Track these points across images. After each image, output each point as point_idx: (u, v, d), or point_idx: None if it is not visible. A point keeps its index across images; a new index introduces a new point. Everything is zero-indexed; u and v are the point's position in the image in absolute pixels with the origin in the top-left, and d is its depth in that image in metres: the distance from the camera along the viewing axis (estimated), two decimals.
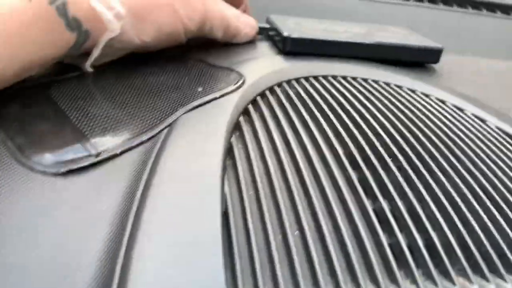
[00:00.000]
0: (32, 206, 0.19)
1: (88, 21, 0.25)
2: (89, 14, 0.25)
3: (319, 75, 0.30)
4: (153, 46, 0.30)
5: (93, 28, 0.25)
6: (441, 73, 0.35)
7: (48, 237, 0.18)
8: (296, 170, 0.20)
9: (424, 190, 0.19)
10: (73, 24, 0.24)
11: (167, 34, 0.29)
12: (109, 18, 0.25)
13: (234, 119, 0.23)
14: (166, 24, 0.28)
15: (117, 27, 0.26)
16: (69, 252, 0.17)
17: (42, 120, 0.23)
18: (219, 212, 0.17)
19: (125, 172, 0.20)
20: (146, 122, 0.23)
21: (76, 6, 0.24)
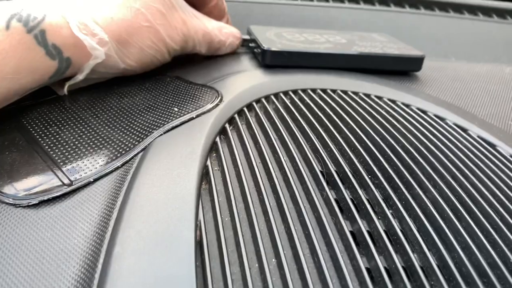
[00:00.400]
0: (1, 240, 0.18)
1: (68, 49, 0.25)
2: (69, 41, 0.24)
3: (298, 89, 0.29)
4: (139, 68, 0.29)
5: (74, 55, 0.25)
6: (423, 81, 0.34)
7: (18, 272, 0.17)
8: (273, 192, 0.20)
9: (403, 208, 0.19)
10: (53, 52, 0.24)
11: (151, 56, 0.29)
12: (93, 45, 0.25)
13: (210, 140, 0.23)
14: (149, 46, 0.28)
15: (101, 54, 0.26)
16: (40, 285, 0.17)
17: (13, 148, 0.23)
18: (193, 242, 0.17)
19: (99, 201, 0.20)
20: (120, 147, 0.23)
21: (56, 34, 0.24)
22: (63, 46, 0.24)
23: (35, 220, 0.19)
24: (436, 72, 0.37)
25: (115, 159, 0.22)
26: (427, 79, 0.35)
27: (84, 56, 0.25)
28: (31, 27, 0.23)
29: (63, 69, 0.25)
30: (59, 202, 0.20)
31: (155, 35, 0.28)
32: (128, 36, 0.27)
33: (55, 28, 0.24)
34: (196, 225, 0.18)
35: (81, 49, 0.25)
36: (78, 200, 0.20)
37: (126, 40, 0.27)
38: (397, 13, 0.48)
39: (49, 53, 0.24)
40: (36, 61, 0.23)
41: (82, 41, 0.25)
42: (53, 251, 0.18)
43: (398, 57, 0.34)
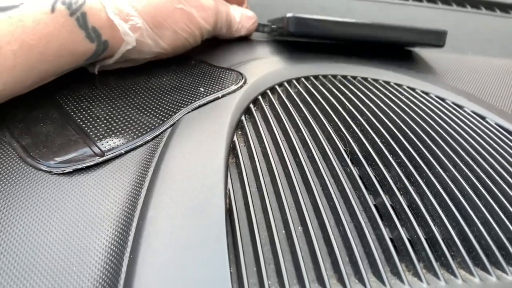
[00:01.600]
0: (38, 205, 0.19)
1: (106, 32, 0.25)
2: (108, 25, 0.25)
3: (319, 75, 0.30)
4: (172, 52, 0.30)
5: (111, 38, 0.26)
6: (440, 72, 0.35)
7: (53, 236, 0.18)
8: (298, 167, 0.21)
9: (424, 185, 0.20)
10: (93, 34, 0.25)
11: (183, 39, 0.29)
12: (125, 31, 0.26)
13: (236, 118, 0.24)
14: (182, 29, 0.29)
15: (132, 40, 0.26)
16: (74, 253, 0.17)
17: (48, 121, 0.23)
18: (223, 208, 0.17)
19: (130, 172, 0.21)
20: (149, 122, 0.24)
21: (95, 17, 0.25)
22: (101, 29, 0.25)
23: (70, 187, 0.20)
24: (454, 64, 0.37)
25: (145, 133, 0.23)
26: (445, 70, 0.35)
27: (120, 40, 0.26)
28: (74, 9, 0.24)
29: (100, 51, 0.26)
30: (92, 171, 0.21)
31: (189, 17, 0.29)
32: (162, 18, 0.27)
33: (94, 11, 0.25)
34: (226, 193, 0.18)
35: (117, 32, 0.26)
36: (110, 170, 0.21)
37: (160, 23, 0.27)
38: (415, 7, 0.49)
39: (89, 36, 0.24)
40: (76, 44, 0.24)
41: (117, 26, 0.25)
42: (88, 216, 0.19)
43: (422, 29, 0.33)
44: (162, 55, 0.30)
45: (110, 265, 0.17)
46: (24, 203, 0.19)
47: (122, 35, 0.26)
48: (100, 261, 0.17)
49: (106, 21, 0.25)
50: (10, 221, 0.18)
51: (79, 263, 0.17)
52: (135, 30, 0.26)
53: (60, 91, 0.26)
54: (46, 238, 0.18)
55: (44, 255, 0.17)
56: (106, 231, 0.18)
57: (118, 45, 0.26)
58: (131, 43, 0.27)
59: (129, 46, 0.27)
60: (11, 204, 0.19)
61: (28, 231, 0.18)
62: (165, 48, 0.29)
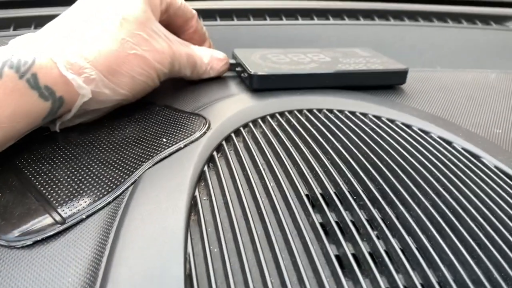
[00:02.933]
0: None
1: (60, 88, 0.25)
2: (61, 81, 0.25)
3: (285, 111, 0.30)
4: (132, 97, 0.30)
5: (66, 94, 0.25)
6: (408, 94, 0.35)
7: None
8: (260, 220, 0.20)
9: (387, 229, 0.20)
10: (46, 93, 0.24)
11: (142, 83, 0.29)
12: (80, 84, 0.26)
13: (198, 170, 0.23)
14: (139, 73, 0.29)
15: (88, 92, 0.26)
16: None
17: (7, 190, 0.23)
18: (182, 278, 0.17)
19: (90, 239, 0.20)
20: (111, 181, 0.23)
21: (47, 75, 0.24)
22: (55, 86, 0.25)
23: (30, 261, 0.20)
24: (421, 84, 0.37)
25: (106, 194, 0.23)
26: (412, 92, 0.35)
27: (76, 94, 0.26)
28: (23, 72, 0.23)
29: (56, 108, 0.25)
30: (53, 241, 0.20)
31: (144, 61, 0.29)
32: (117, 66, 0.27)
33: (45, 69, 0.24)
34: (186, 258, 0.18)
35: (72, 87, 0.25)
36: (71, 238, 0.21)
37: (115, 70, 0.27)
38: (382, 26, 0.49)
39: (42, 95, 0.24)
40: (30, 105, 0.24)
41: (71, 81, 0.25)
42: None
43: (382, 72, 0.35)
44: (124, 102, 0.30)
45: None
46: None
47: (76, 89, 0.26)
48: None
49: (59, 77, 0.25)
50: None
51: None
52: (90, 82, 0.26)
53: (20, 154, 0.26)
54: None
55: None
56: None
57: (74, 99, 0.26)
58: (87, 95, 0.26)
59: (85, 98, 0.26)
60: None
61: None
62: (125, 94, 0.29)
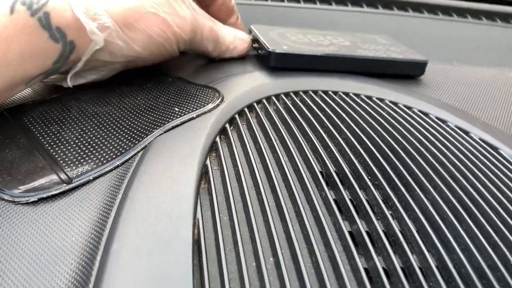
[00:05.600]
0: (2, 235, 0.18)
1: (72, 32, 0.24)
2: (74, 25, 0.24)
3: (299, 90, 0.29)
4: (148, 57, 0.29)
5: (78, 39, 0.25)
6: (425, 84, 0.34)
7: (16, 268, 0.17)
8: (272, 192, 0.20)
9: (402, 209, 0.19)
10: (57, 35, 0.23)
11: (159, 44, 0.29)
12: (92, 30, 0.25)
13: (210, 140, 0.23)
14: (157, 33, 0.28)
15: (100, 39, 0.25)
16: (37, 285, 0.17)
17: (14, 146, 0.23)
18: (191, 241, 0.17)
19: (97, 200, 0.20)
20: (120, 146, 0.23)
21: (59, 16, 0.23)
22: (66, 29, 0.24)
23: (34, 218, 0.19)
24: (439, 76, 0.37)
25: (115, 157, 0.22)
26: (429, 82, 0.35)
27: (88, 40, 0.25)
28: (35, 9, 0.22)
29: (67, 53, 0.25)
30: (58, 199, 0.20)
31: (163, 23, 0.28)
32: (134, 20, 0.26)
33: (58, 10, 0.23)
34: (194, 223, 0.18)
35: (84, 33, 0.25)
36: (77, 198, 0.20)
37: (131, 25, 0.26)
38: (400, 16, 0.48)
39: (52, 36, 0.23)
40: (39, 45, 0.23)
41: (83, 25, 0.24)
42: (51, 248, 0.18)
43: (402, 61, 0.34)
44: (139, 61, 0.29)
45: None
46: None
47: (89, 34, 0.25)
48: None
49: (72, 21, 0.24)
50: None
51: None
52: (103, 29, 0.25)
53: (29, 113, 0.25)
54: (8, 270, 0.17)
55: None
56: (69, 265, 0.17)
57: (86, 47, 0.25)
58: (99, 43, 0.25)
59: (97, 46, 0.25)
60: None
61: None
62: (139, 52, 0.28)
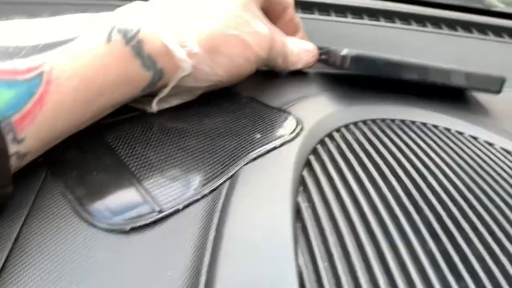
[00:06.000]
0: (93, 265, 0.18)
1: (162, 59, 0.25)
2: (163, 52, 0.24)
3: (377, 119, 0.29)
4: (228, 81, 0.29)
5: (167, 66, 0.25)
6: (502, 117, 0.33)
7: None
8: (371, 239, 0.19)
9: (509, 263, 0.18)
10: (148, 62, 0.24)
11: (239, 66, 0.29)
12: (181, 57, 0.25)
13: (298, 173, 0.22)
14: (238, 55, 0.28)
15: (189, 66, 0.26)
16: None
17: (101, 169, 0.22)
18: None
19: (190, 232, 0.20)
20: (207, 173, 0.22)
21: (151, 44, 0.24)
22: (157, 56, 0.24)
23: (126, 247, 0.19)
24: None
25: (202, 186, 0.22)
26: (506, 114, 0.34)
27: (176, 67, 0.25)
28: (130, 38, 0.23)
29: (156, 80, 0.25)
30: (149, 229, 0.20)
31: (243, 43, 0.28)
32: (218, 44, 0.27)
33: (150, 38, 0.24)
34: (297, 268, 0.17)
35: (173, 59, 0.25)
36: (168, 227, 0.20)
37: (216, 49, 0.27)
38: (464, 38, 0.47)
39: (145, 64, 0.24)
40: (133, 73, 0.24)
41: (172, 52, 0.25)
42: (146, 279, 0.18)
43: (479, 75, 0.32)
44: (218, 84, 0.29)
45: None
46: (78, 261, 0.18)
47: (178, 61, 0.25)
48: None
49: (162, 48, 0.24)
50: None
51: None
52: (192, 56, 0.25)
53: (111, 132, 0.25)
54: None
55: None
56: None
57: (173, 73, 0.26)
58: (187, 70, 0.26)
59: (185, 72, 0.26)
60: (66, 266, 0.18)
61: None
62: (221, 75, 0.28)
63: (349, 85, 0.34)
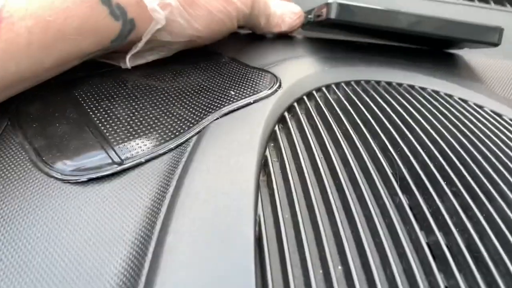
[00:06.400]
0: (49, 216, 0.17)
1: (133, 10, 0.23)
2: (134, 2, 0.23)
3: (361, 80, 0.27)
4: (207, 36, 0.28)
5: (138, 17, 0.24)
6: (492, 81, 0.32)
7: (64, 251, 0.16)
8: (338, 191, 0.18)
9: (484, 221, 0.17)
10: (117, 12, 0.23)
11: (219, 21, 0.27)
12: (154, 7, 0.24)
13: (269, 128, 0.21)
14: (218, 9, 0.26)
15: (162, 18, 0.24)
16: (84, 272, 0.16)
17: (64, 121, 0.22)
18: (252, 239, 0.15)
19: (150, 185, 0.19)
20: (174, 128, 0.21)
21: None
22: (127, 6, 0.23)
23: (83, 199, 0.18)
24: (505, 72, 0.34)
25: (168, 140, 0.21)
26: (495, 78, 0.32)
27: (148, 19, 0.24)
28: None
29: (126, 32, 0.24)
30: (108, 181, 0.19)
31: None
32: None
33: None
34: (256, 220, 0.16)
35: (145, 11, 0.24)
36: (128, 181, 0.19)
37: (193, 1, 0.25)
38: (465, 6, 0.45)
39: (112, 13, 0.22)
40: (99, 22, 0.22)
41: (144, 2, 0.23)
42: (100, 234, 0.17)
43: (475, 25, 0.30)
44: (197, 40, 0.28)
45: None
46: (32, 214, 0.17)
47: (150, 11, 0.24)
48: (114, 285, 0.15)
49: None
50: (15, 234, 0.16)
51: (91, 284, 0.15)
52: (165, 7, 0.24)
53: (79, 86, 0.24)
54: (55, 251, 0.16)
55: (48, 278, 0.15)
56: (120, 254, 0.16)
57: (146, 26, 0.24)
58: (161, 22, 0.24)
59: (159, 25, 0.24)
60: (17, 214, 0.17)
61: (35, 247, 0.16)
62: (199, 30, 0.26)
63: (335, 48, 0.32)
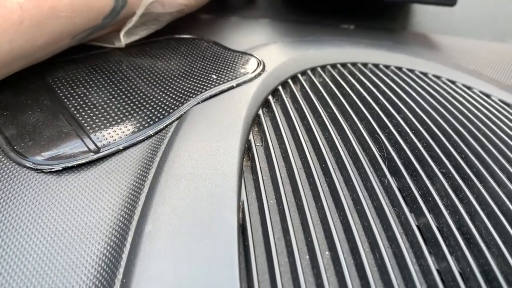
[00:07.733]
0: (20, 207, 0.16)
1: None
2: None
3: (347, 62, 0.26)
4: (194, 3, 0.28)
5: None
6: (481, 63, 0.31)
7: (36, 243, 0.15)
8: (325, 175, 0.18)
9: (476, 202, 0.16)
10: None
11: None
12: None
13: (252, 112, 0.20)
14: None
15: None
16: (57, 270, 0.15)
17: (37, 108, 0.20)
18: (236, 226, 0.14)
19: (128, 173, 0.18)
20: (153, 114, 0.21)
21: None
22: None
23: (57, 189, 0.17)
24: (495, 55, 0.33)
25: (148, 126, 0.20)
26: (484, 61, 0.32)
27: None
28: None
29: (119, 8, 0.23)
30: (84, 170, 0.18)
31: None
32: None
33: None
34: (239, 206, 0.15)
35: None
36: (105, 169, 0.18)
37: None
38: None
39: None
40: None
41: None
42: (76, 224, 0.16)
43: None
44: (185, 9, 0.28)
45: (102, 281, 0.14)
46: (3, 206, 0.16)
47: None
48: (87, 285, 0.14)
49: None
50: None
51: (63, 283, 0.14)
52: None
53: (54, 73, 0.23)
54: (28, 244, 0.15)
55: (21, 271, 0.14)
56: (97, 245, 0.15)
57: (138, 1, 0.24)
58: None
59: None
60: None
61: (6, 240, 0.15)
62: None
63: (320, 32, 0.32)
